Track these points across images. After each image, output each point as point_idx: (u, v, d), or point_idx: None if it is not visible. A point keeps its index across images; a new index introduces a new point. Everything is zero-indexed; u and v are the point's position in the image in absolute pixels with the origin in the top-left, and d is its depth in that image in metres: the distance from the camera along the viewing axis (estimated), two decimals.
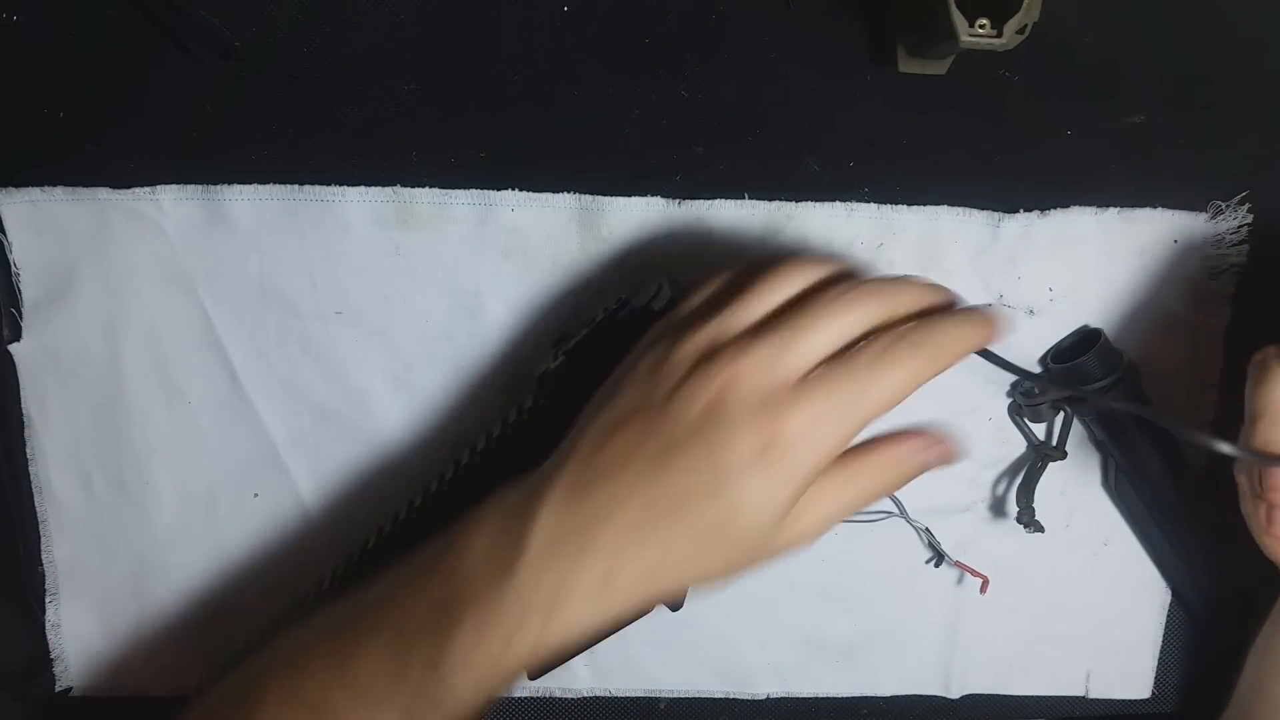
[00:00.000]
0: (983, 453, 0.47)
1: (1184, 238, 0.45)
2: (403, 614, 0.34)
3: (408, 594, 0.34)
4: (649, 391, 0.33)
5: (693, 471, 0.31)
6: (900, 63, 0.42)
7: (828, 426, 0.31)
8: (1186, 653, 0.50)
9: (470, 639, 0.32)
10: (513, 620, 0.32)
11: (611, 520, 0.32)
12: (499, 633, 0.32)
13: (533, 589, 0.32)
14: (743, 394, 0.31)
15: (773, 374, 0.32)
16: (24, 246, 0.43)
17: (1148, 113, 0.44)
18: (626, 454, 0.32)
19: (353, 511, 0.46)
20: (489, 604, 0.32)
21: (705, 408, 0.32)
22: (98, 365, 0.44)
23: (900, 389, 0.32)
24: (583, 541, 0.32)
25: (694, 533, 0.32)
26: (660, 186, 0.44)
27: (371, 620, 0.35)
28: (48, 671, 0.47)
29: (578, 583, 0.32)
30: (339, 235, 0.43)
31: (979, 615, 0.49)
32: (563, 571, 0.32)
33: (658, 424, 0.32)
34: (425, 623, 0.33)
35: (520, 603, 0.32)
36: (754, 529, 0.32)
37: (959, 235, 0.45)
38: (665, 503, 0.32)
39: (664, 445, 0.32)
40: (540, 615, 0.32)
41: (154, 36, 0.41)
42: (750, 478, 0.31)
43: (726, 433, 0.31)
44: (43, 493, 0.46)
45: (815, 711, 0.50)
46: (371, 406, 0.45)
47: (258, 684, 0.36)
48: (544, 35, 0.42)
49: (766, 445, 0.31)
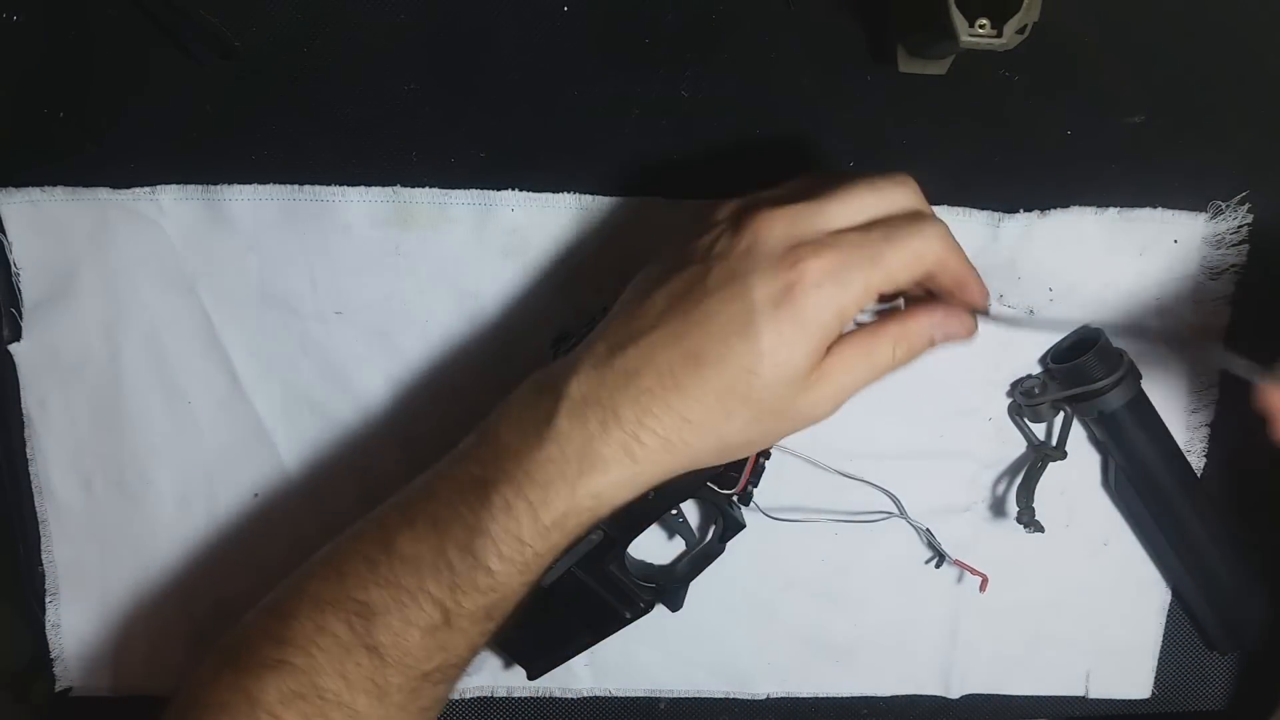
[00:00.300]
0: (983, 453, 0.47)
1: (1184, 238, 0.45)
2: (438, 501, 0.34)
3: (444, 483, 0.35)
4: (691, 249, 0.34)
5: (716, 319, 0.32)
6: (900, 63, 0.42)
7: (844, 278, 0.32)
8: (1186, 653, 0.50)
9: (501, 513, 0.33)
10: (539, 489, 0.33)
11: (634, 384, 0.33)
12: (527, 502, 0.33)
13: (560, 458, 0.33)
14: (772, 239, 0.32)
15: (802, 226, 0.33)
16: (24, 246, 0.43)
17: (1148, 113, 0.44)
18: (661, 310, 0.33)
19: (351, 511, 0.46)
20: (517, 475, 0.33)
21: (738, 253, 0.33)
22: (98, 365, 0.44)
23: (915, 259, 0.33)
24: (609, 407, 0.33)
25: (713, 391, 0.32)
26: (660, 186, 0.44)
27: (408, 513, 0.35)
28: (48, 671, 0.47)
29: (603, 447, 0.33)
30: (339, 235, 0.43)
31: (979, 615, 0.49)
32: (589, 438, 0.33)
33: (693, 273, 0.33)
34: (458, 505, 0.34)
35: (546, 471, 0.33)
36: (772, 386, 0.32)
37: (959, 235, 0.44)
38: (686, 361, 0.32)
39: (695, 295, 0.33)
40: (567, 483, 0.33)
41: (154, 36, 0.41)
42: (768, 326, 0.32)
43: (750, 277, 0.32)
44: (43, 493, 0.46)
45: (815, 711, 0.50)
46: (371, 406, 0.45)
47: (294, 592, 0.36)
48: (544, 35, 0.42)
49: (785, 290, 0.32)
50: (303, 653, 0.34)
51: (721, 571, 0.45)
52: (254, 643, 0.35)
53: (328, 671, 0.34)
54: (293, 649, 0.34)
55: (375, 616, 0.34)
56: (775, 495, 0.45)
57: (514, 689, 0.48)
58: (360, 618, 0.34)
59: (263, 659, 0.34)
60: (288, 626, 0.35)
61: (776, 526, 0.46)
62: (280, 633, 0.35)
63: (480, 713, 0.49)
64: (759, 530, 0.45)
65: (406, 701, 0.35)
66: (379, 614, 0.34)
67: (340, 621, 0.34)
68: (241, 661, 0.35)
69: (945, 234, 0.34)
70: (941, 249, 0.34)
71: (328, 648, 0.34)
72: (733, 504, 0.43)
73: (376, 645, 0.34)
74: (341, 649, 0.34)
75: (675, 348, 0.33)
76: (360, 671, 0.34)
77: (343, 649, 0.34)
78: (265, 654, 0.34)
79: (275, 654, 0.34)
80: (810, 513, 0.46)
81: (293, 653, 0.34)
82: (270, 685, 0.34)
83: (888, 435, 0.46)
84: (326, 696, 0.34)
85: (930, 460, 0.47)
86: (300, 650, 0.34)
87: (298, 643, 0.34)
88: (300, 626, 0.35)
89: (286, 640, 0.34)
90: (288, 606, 0.35)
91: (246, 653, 0.35)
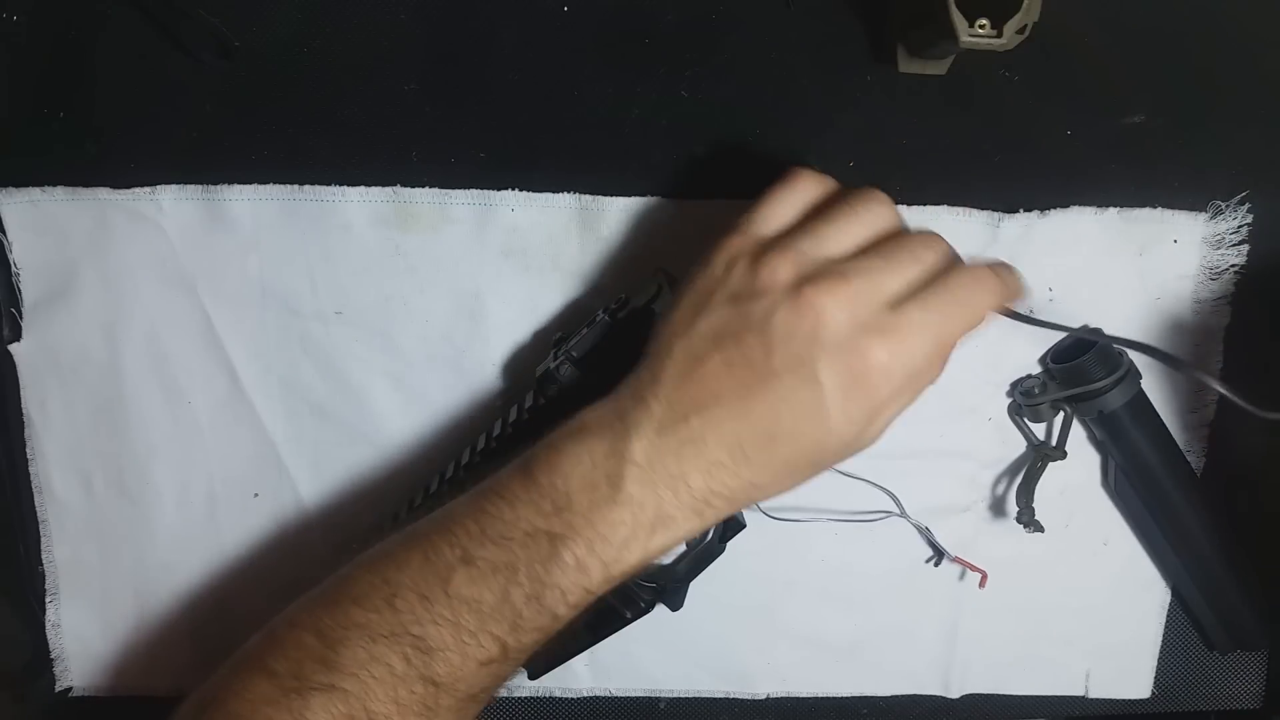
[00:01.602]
0: (983, 453, 0.47)
1: (1184, 238, 0.45)
2: (497, 547, 0.34)
3: (500, 527, 0.35)
4: (742, 314, 0.33)
5: (785, 403, 0.33)
6: (900, 63, 0.42)
7: (908, 359, 0.33)
8: (1186, 653, 0.50)
9: (573, 569, 0.34)
10: (613, 549, 0.34)
11: (703, 455, 0.33)
12: (601, 561, 0.34)
13: (633, 521, 0.33)
14: (838, 322, 0.32)
15: (867, 304, 0.33)
16: (24, 246, 0.43)
17: (1148, 113, 0.44)
18: (719, 379, 0.33)
19: (352, 511, 0.46)
20: (589, 534, 0.33)
21: (803, 335, 0.32)
22: (98, 365, 0.44)
23: (973, 321, 0.34)
24: (678, 475, 0.33)
25: (781, 462, 0.34)
26: (660, 186, 0.44)
27: (461, 551, 0.35)
28: (48, 671, 0.47)
29: (675, 510, 0.34)
30: (339, 235, 0.43)
31: (979, 615, 0.49)
32: (660, 502, 0.33)
33: (753, 349, 0.33)
34: (523, 555, 0.34)
35: (619, 533, 0.33)
36: (834, 454, 0.34)
37: (959, 235, 0.44)
38: (757, 439, 0.33)
39: (758, 373, 0.33)
40: (640, 543, 0.34)
41: (154, 36, 0.41)
42: (836, 413, 0.33)
43: (819, 365, 0.32)
44: (43, 493, 0.46)
45: (815, 711, 0.50)
46: (371, 406, 0.45)
47: (339, 619, 0.35)
48: (544, 35, 0.42)
49: (855, 378, 0.32)
50: (354, 679, 0.34)
51: (721, 571, 0.45)
52: (298, 664, 0.35)
53: (380, 698, 0.34)
54: (343, 675, 0.34)
55: (434, 651, 0.34)
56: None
57: (514, 689, 0.48)
58: (418, 651, 0.34)
59: (312, 682, 0.34)
60: (337, 653, 0.34)
61: (776, 526, 0.46)
62: (328, 657, 0.34)
63: (480, 713, 0.49)
64: (759, 530, 0.45)
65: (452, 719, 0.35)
66: (437, 650, 0.34)
67: (395, 654, 0.34)
68: (286, 681, 0.34)
69: (998, 286, 0.35)
70: (996, 304, 0.35)
71: (382, 677, 0.34)
72: None
73: (433, 677, 0.34)
74: (396, 678, 0.34)
75: (744, 423, 0.33)
76: (414, 698, 0.34)
77: (397, 679, 0.34)
78: (314, 677, 0.34)
79: (325, 678, 0.34)
80: (810, 512, 0.46)
81: (343, 679, 0.34)
82: (320, 708, 0.33)
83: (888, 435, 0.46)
84: (377, 719, 0.34)
85: (930, 460, 0.47)
86: (352, 677, 0.34)
87: (349, 669, 0.34)
88: (351, 654, 0.34)
89: (336, 666, 0.34)
90: (334, 632, 0.35)
91: (291, 674, 0.34)
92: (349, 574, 0.37)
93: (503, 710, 0.49)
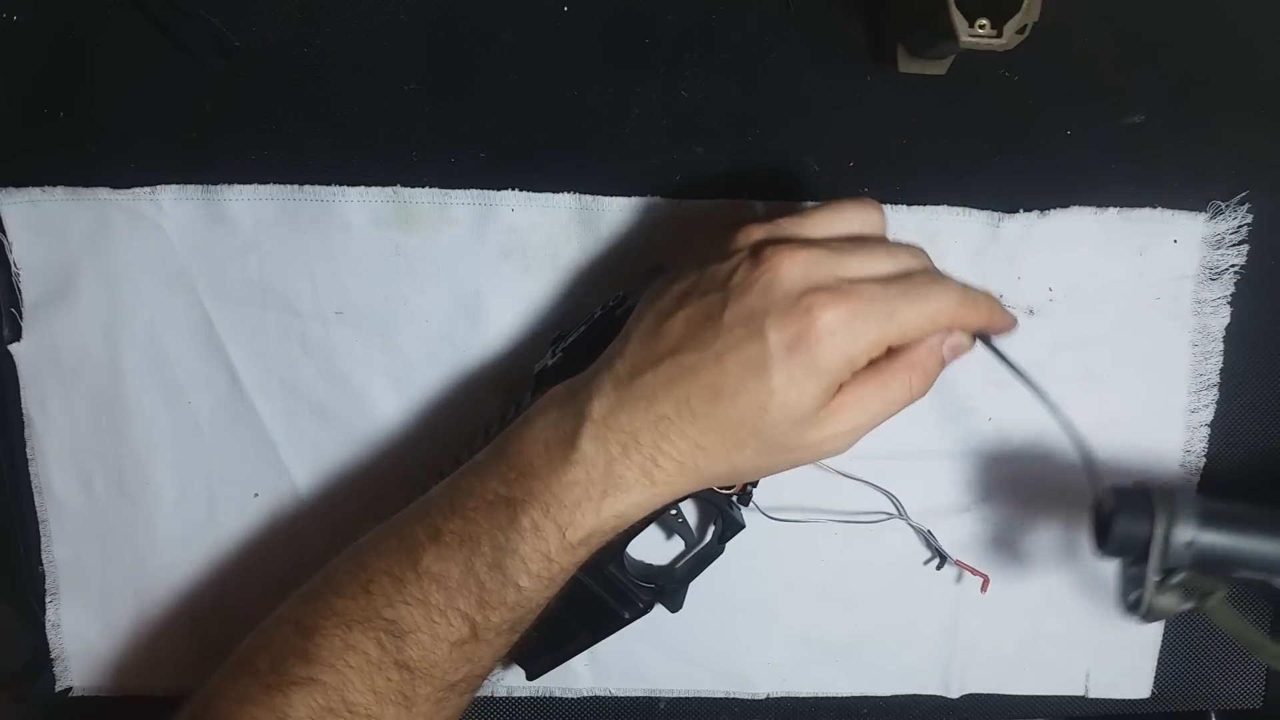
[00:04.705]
0: (983, 453, 0.47)
1: (1184, 238, 0.45)
2: (463, 519, 0.35)
3: (467, 500, 0.35)
4: (710, 274, 0.34)
5: (732, 357, 0.33)
6: (900, 63, 0.42)
7: (857, 329, 0.33)
8: (1186, 653, 0.50)
9: (530, 533, 0.34)
10: (566, 511, 0.34)
11: (653, 410, 0.34)
12: (555, 524, 0.34)
13: (585, 480, 0.34)
14: (793, 278, 0.33)
15: (820, 271, 0.33)
16: (24, 246, 0.43)
17: (1148, 113, 0.44)
18: (677, 333, 0.34)
19: (352, 511, 0.46)
20: (544, 497, 0.34)
21: (756, 289, 0.33)
22: (98, 365, 0.44)
23: (929, 319, 0.34)
24: (629, 431, 0.34)
25: (726, 423, 0.33)
26: (660, 186, 0.44)
27: (432, 530, 0.35)
28: (48, 671, 0.47)
29: (625, 470, 0.34)
30: (339, 235, 0.43)
31: (979, 615, 0.49)
32: (610, 460, 0.34)
33: (711, 304, 0.33)
34: (485, 524, 0.34)
35: (573, 494, 0.34)
36: (780, 424, 0.33)
37: (959, 235, 0.45)
38: (702, 392, 0.33)
39: (713, 327, 0.33)
40: (592, 504, 0.34)
41: (154, 36, 0.41)
42: (779, 368, 0.32)
43: (766, 318, 0.32)
44: (43, 493, 0.46)
45: (815, 711, 0.50)
46: (371, 406, 0.45)
47: (318, 607, 0.36)
48: (544, 35, 0.42)
49: (799, 336, 0.32)
50: (331, 670, 0.34)
51: (721, 571, 0.45)
52: (280, 659, 0.35)
53: (358, 687, 0.34)
54: (321, 666, 0.34)
55: (405, 634, 0.34)
56: (775, 495, 0.45)
57: (514, 689, 0.48)
58: (390, 635, 0.34)
59: (292, 676, 0.34)
60: (314, 643, 0.35)
61: (776, 526, 0.46)
62: (306, 649, 0.35)
63: (480, 713, 0.49)
64: (759, 530, 0.45)
65: (433, 711, 0.36)
66: (409, 631, 0.34)
67: (370, 639, 0.34)
68: (268, 678, 0.35)
69: (962, 297, 0.35)
70: (957, 312, 0.34)
71: (357, 665, 0.34)
72: (732, 504, 0.43)
73: (407, 661, 0.34)
74: (371, 666, 0.34)
75: (692, 378, 0.33)
76: (390, 686, 0.34)
77: (373, 666, 0.34)
78: (293, 671, 0.34)
79: (304, 671, 0.34)
80: (810, 513, 0.46)
81: (321, 670, 0.34)
82: (300, 702, 0.34)
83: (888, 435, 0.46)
84: (356, 710, 0.34)
85: (930, 460, 0.47)
86: (329, 667, 0.34)
87: (326, 660, 0.34)
88: (327, 643, 0.35)
89: (314, 658, 0.34)
90: (312, 622, 0.35)
91: (272, 669, 0.35)
92: (332, 565, 0.37)
93: (503, 710, 0.49)
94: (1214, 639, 0.50)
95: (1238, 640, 0.39)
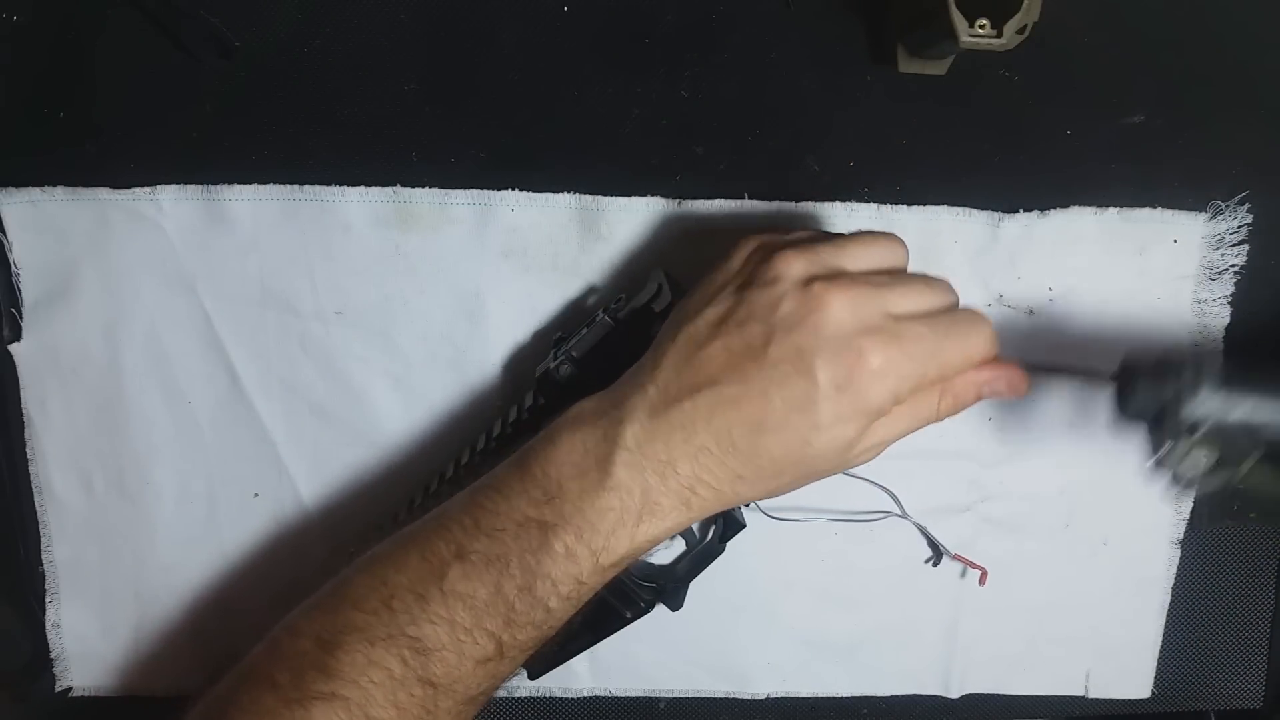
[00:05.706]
0: (983, 453, 0.47)
1: (1184, 238, 0.45)
2: (490, 540, 0.34)
3: (494, 519, 0.35)
4: (749, 301, 0.34)
5: (778, 393, 0.33)
6: (900, 63, 0.42)
7: (905, 370, 0.33)
8: (1186, 653, 0.50)
9: (563, 558, 0.34)
10: (601, 537, 0.34)
11: (691, 441, 0.33)
12: (590, 549, 0.34)
13: (620, 508, 0.34)
14: (842, 319, 0.33)
15: (868, 309, 0.33)
16: (24, 246, 0.43)
17: (1148, 113, 0.44)
18: (716, 363, 0.33)
19: (352, 511, 0.46)
20: (578, 521, 0.34)
21: (805, 328, 0.33)
22: (98, 365, 0.44)
23: (968, 359, 0.34)
24: (666, 461, 0.34)
25: (766, 457, 0.33)
26: (660, 186, 0.44)
27: (456, 547, 0.35)
28: (48, 671, 0.47)
29: (662, 497, 0.34)
30: (339, 235, 0.43)
31: (979, 615, 0.49)
32: (647, 489, 0.34)
33: (753, 335, 0.33)
34: (515, 546, 0.34)
35: (607, 520, 0.34)
36: (823, 455, 0.34)
37: (959, 235, 0.45)
38: (745, 427, 0.33)
39: (755, 360, 0.33)
40: (627, 531, 0.34)
41: (154, 36, 0.41)
42: (827, 406, 0.33)
43: (816, 358, 0.32)
44: (43, 493, 0.46)
45: (815, 711, 0.50)
46: (371, 406, 0.45)
47: (338, 622, 0.35)
48: (544, 35, 0.42)
49: (848, 379, 0.32)
50: (354, 685, 0.34)
51: (722, 571, 0.45)
52: (299, 673, 0.34)
53: (380, 703, 0.34)
54: (343, 682, 0.34)
55: (430, 652, 0.34)
56: None
57: (514, 689, 0.48)
58: (414, 653, 0.34)
59: (313, 691, 0.34)
60: (335, 658, 0.34)
61: (776, 526, 0.46)
62: (328, 664, 0.34)
63: (480, 713, 0.49)
64: (759, 530, 0.45)
65: None
66: (434, 649, 0.34)
67: (393, 656, 0.34)
68: (288, 692, 0.34)
69: (990, 329, 0.35)
70: (993, 350, 0.35)
71: (380, 681, 0.34)
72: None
73: (430, 678, 0.34)
74: (394, 682, 0.34)
75: (735, 410, 0.33)
76: (413, 701, 0.34)
77: (396, 682, 0.34)
78: (314, 686, 0.34)
79: (325, 686, 0.34)
80: (810, 512, 0.46)
81: (343, 685, 0.34)
82: (321, 717, 0.34)
83: None
84: None
85: (930, 460, 0.47)
86: (351, 683, 0.34)
87: (348, 675, 0.34)
88: (349, 659, 0.34)
89: (335, 673, 0.34)
90: (333, 637, 0.35)
91: (293, 683, 0.34)
92: (347, 577, 0.37)
93: (503, 710, 0.49)
94: (1214, 639, 0.50)
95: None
